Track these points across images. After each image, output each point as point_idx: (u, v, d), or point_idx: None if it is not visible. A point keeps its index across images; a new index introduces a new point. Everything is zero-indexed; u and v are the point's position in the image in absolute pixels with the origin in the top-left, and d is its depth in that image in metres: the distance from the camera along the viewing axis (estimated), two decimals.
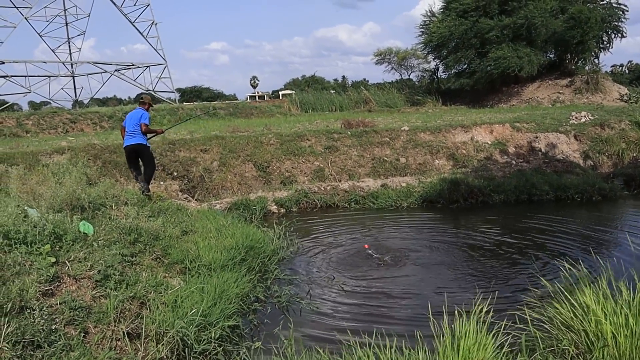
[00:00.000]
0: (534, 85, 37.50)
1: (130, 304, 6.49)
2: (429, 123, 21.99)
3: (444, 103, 40.12)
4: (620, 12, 36.65)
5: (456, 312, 5.17)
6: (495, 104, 37.05)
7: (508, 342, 5.01)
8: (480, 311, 5.12)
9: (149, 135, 12.98)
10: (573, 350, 4.94)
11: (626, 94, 32.92)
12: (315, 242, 11.51)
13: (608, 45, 37.95)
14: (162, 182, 16.16)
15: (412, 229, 12.49)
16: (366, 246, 10.89)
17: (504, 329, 5.11)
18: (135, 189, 11.80)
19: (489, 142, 19.20)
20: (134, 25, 63.20)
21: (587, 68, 37.69)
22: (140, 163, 12.32)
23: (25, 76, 55.78)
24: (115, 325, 6.05)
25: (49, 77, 59.17)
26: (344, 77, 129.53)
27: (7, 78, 54.68)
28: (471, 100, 40.05)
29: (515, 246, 10.67)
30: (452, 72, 43.94)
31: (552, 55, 39.84)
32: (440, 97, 41.04)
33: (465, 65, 40.75)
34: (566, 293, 5.54)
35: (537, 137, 19.05)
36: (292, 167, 17.56)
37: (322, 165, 17.67)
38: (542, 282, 6.61)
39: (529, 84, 37.87)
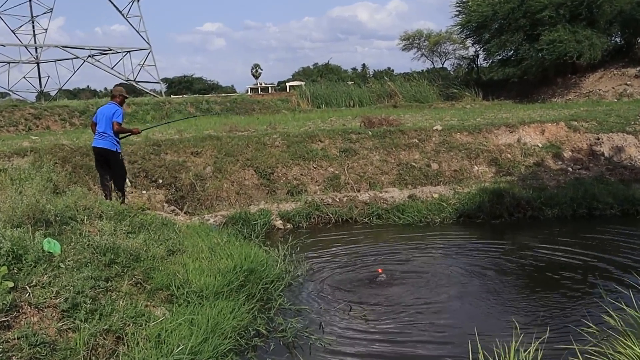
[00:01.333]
0: (595, 75, 37.30)
1: (104, 338, 6.48)
2: (467, 121, 21.94)
3: (485, 97, 40.07)
4: None
5: (500, 353, 5.11)
6: (548, 99, 36.95)
7: None
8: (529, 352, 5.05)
9: (120, 135, 13.11)
10: None
11: None
12: (328, 265, 11.48)
13: None
14: (144, 191, 16.21)
15: (445, 249, 12.45)
16: (380, 270, 10.90)
17: None
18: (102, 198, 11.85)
19: (540, 145, 19.11)
20: (111, 2, 63.47)
21: None
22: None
23: None
24: None
25: (8, 63, 59.59)
26: (364, 65, 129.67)
27: None
28: (518, 94, 39.97)
29: (572, 271, 10.57)
30: (495, 59, 43.90)
31: (618, 39, 39.69)
32: (480, 90, 41.00)
33: (512, 52, 40.70)
34: None
35: (598, 139, 18.93)
36: (301, 174, 17.56)
37: (337, 172, 17.65)
38: (609, 317, 6.51)
39: (589, 73, 37.67)
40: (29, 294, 6.54)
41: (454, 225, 14.76)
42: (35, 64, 65.48)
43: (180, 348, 6.44)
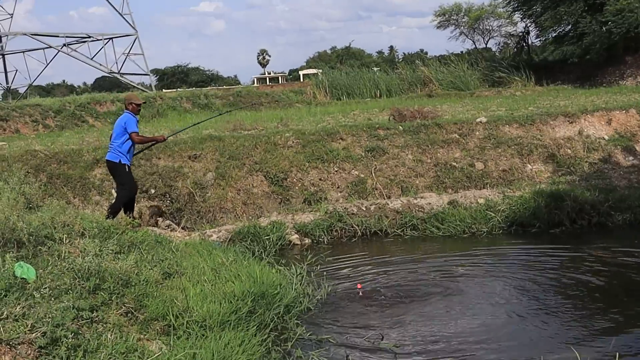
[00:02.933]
0: None
1: None
2: (517, 111, 21.88)
3: (539, 81, 39.87)
4: None
5: None
6: (615, 81, 36.68)
7: None
8: None
9: (142, 146, 13.67)
10: None
11: None
12: (353, 286, 11.47)
13: None
14: (135, 204, 16.30)
15: (495, 265, 12.38)
16: (359, 286, 11.18)
17: None
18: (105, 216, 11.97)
19: (606, 138, 19.02)
20: None
21: None
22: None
23: None
24: None
25: None
26: (391, 48, 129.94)
27: None
28: (579, 77, 39.71)
29: None
30: (550, 36, 43.66)
31: None
32: (532, 74, 40.78)
33: (570, 26, 40.43)
34: None
35: None
36: (320, 179, 17.58)
37: (362, 176, 17.66)
38: None
39: None
40: None
41: (504, 235, 14.72)
42: (0, 56, 65.68)
43: None
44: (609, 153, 18.45)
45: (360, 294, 11.07)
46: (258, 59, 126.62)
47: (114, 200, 14.15)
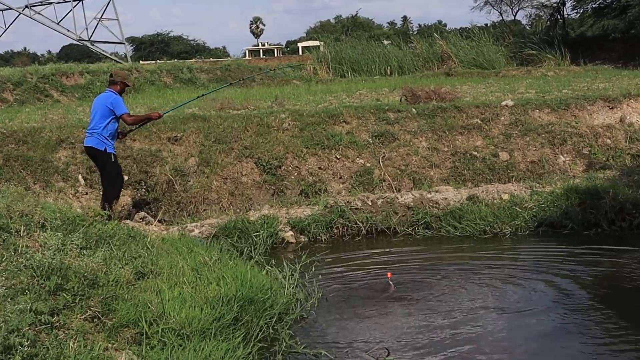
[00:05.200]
0: None
1: None
2: (549, 94, 21.88)
3: (574, 60, 39.91)
4: None
5: None
6: None
7: None
8: None
9: (134, 127, 13.76)
10: None
11: None
12: (355, 292, 11.48)
13: None
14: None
15: (521, 272, 12.32)
16: (389, 275, 11.46)
17: None
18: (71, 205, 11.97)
19: None
20: None
21: None
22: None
23: None
24: None
25: None
26: (405, 18, 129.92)
27: None
28: (621, 56, 39.73)
29: None
30: (588, 8, 43.67)
31: None
32: (567, 51, 40.84)
33: None
34: None
35: None
36: (320, 168, 17.58)
37: (369, 165, 17.67)
38: None
39: None
40: None
41: (531, 237, 14.67)
42: None
43: None
44: None
45: (391, 284, 11.33)
46: (251, 28, 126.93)
47: (103, 195, 14.39)
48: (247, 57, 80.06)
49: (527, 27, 50.90)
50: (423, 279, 12.03)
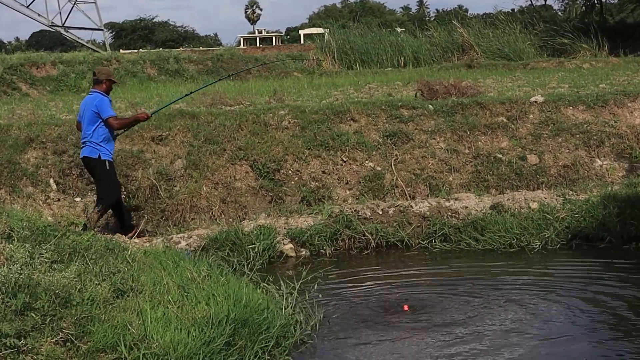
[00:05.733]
0: None
1: None
2: (584, 89, 21.90)
3: (614, 50, 39.96)
4: None
5: None
6: None
7: None
8: None
9: (120, 132, 14.06)
10: None
11: None
12: (362, 313, 11.48)
13: None
14: (77, 198, 16.32)
15: (548, 290, 12.29)
16: (406, 308, 11.38)
17: None
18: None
19: None
20: None
21: None
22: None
23: None
24: None
25: None
26: (421, 2, 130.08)
27: None
28: None
29: None
30: None
31: None
32: (605, 40, 40.84)
33: None
34: None
35: None
36: (324, 172, 17.60)
37: (379, 169, 17.68)
38: None
39: None
40: None
41: (563, 251, 14.66)
42: None
43: None
44: None
45: (405, 306, 11.44)
46: (246, 13, 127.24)
47: (97, 199, 14.90)
48: (241, 46, 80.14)
49: (560, 13, 51.04)
50: (440, 299, 11.98)
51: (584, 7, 48.72)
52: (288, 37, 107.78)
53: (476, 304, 11.67)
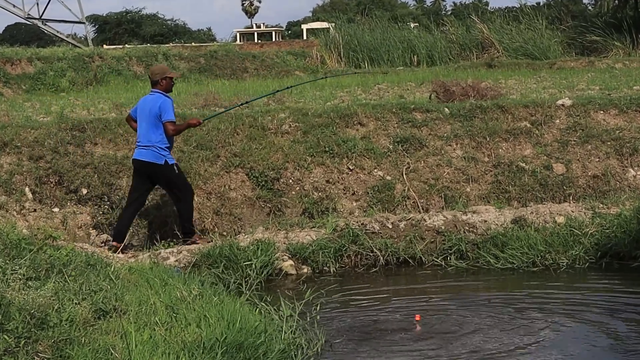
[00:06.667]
0: None
1: None
2: (617, 92, 21.90)
3: None
4: None
5: None
6: None
7: None
8: None
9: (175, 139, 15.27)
10: None
11: None
12: (370, 336, 11.49)
13: None
14: (56, 209, 16.35)
15: (575, 313, 12.29)
16: (417, 318, 11.60)
17: None
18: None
19: None
20: None
21: None
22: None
23: None
24: None
25: None
26: None
27: None
28: None
29: None
30: None
31: None
32: None
33: None
34: None
35: None
36: (328, 182, 17.63)
37: (389, 178, 17.71)
38: None
39: None
40: None
41: (593, 270, 14.65)
42: None
43: None
44: None
45: (418, 326, 11.58)
46: (243, 5, 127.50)
47: (179, 212, 15.58)
48: (238, 42, 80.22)
49: (590, 8, 51.09)
50: (455, 322, 11.99)
51: (616, 1, 48.62)
52: (289, 32, 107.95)
53: (494, 331, 11.60)
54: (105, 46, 63.40)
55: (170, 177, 15.11)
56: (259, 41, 76.28)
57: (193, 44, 73.21)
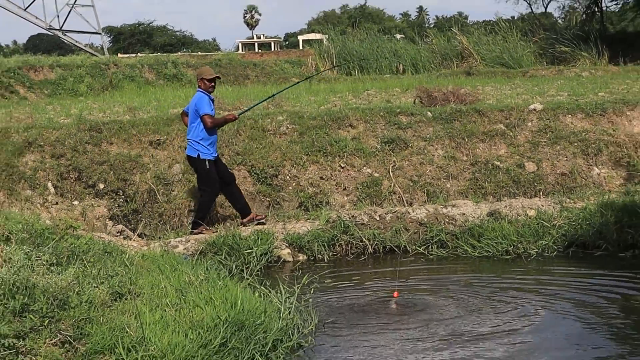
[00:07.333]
0: None
1: None
2: (584, 97, 21.95)
3: (613, 59, 40.03)
4: None
5: None
6: None
7: None
8: None
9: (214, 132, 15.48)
10: None
11: None
12: (359, 317, 11.54)
13: None
14: (76, 202, 16.36)
15: (546, 296, 12.32)
16: (395, 295, 11.86)
17: None
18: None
19: None
20: None
21: None
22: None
23: None
24: None
25: None
26: (421, 9, 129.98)
27: None
28: None
29: None
30: (630, 0, 43.78)
31: None
32: (605, 49, 40.91)
33: None
34: None
35: None
36: (321, 178, 17.64)
37: (377, 175, 17.72)
38: None
39: None
40: None
41: (560, 259, 14.67)
42: None
43: None
44: None
45: (395, 303, 11.82)
46: (245, 18, 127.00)
47: (196, 210, 15.97)
48: (240, 51, 79.97)
49: (560, 21, 51.15)
50: (435, 303, 12.05)
51: (584, 16, 48.74)
52: (287, 42, 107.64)
53: (471, 309, 11.73)
54: (119, 55, 63.06)
55: (199, 170, 15.45)
56: (259, 51, 76.04)
57: (199, 53, 73.07)
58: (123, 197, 16.79)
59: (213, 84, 15.57)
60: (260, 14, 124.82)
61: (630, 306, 11.80)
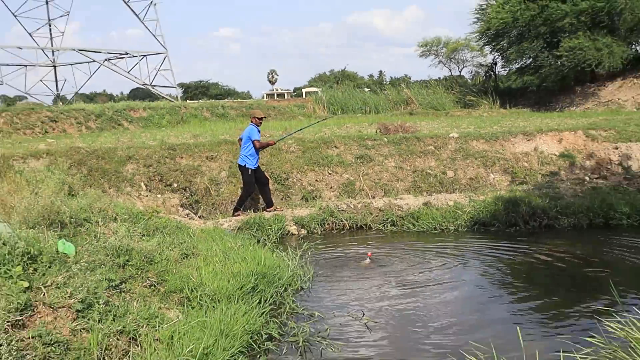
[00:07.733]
0: (614, 84, 37.13)
1: (117, 339, 6.56)
2: (484, 129, 21.93)
3: (503, 105, 40.04)
4: None
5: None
6: (566, 107, 36.84)
7: None
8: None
9: (258, 152, 15.60)
10: None
11: None
12: (341, 270, 11.53)
13: None
14: (159, 195, 16.32)
15: (458, 257, 12.41)
16: (369, 255, 11.96)
17: None
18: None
19: (557, 154, 19.07)
20: (127, 5, 63.07)
21: None
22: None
23: None
24: None
25: (25, 66, 59.67)
26: (380, 72, 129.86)
27: None
28: (536, 102, 39.91)
29: (587, 280, 10.59)
30: (514, 67, 43.90)
31: (638, 48, 39.44)
32: (497, 98, 40.97)
33: (530, 59, 40.66)
34: None
35: (617, 148, 18.85)
36: (316, 180, 17.62)
37: (352, 178, 17.70)
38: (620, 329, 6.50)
39: (608, 82, 37.53)
40: (44, 294, 6.63)
41: (469, 233, 14.72)
42: (52, 67, 65.52)
43: (190, 349, 6.51)
44: (558, 167, 18.51)
45: (367, 261, 11.92)
46: (268, 77, 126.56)
47: (238, 200, 15.92)
48: (265, 99, 79.94)
49: (469, 80, 50.99)
50: (390, 261, 12.07)
51: (484, 77, 48.70)
52: (295, 93, 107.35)
53: (413, 265, 11.79)
54: (188, 101, 63.00)
55: (244, 175, 15.65)
56: (277, 98, 75.92)
57: (239, 100, 72.94)
58: (189, 192, 16.75)
59: (261, 120, 15.80)
60: (278, 75, 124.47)
61: (513, 261, 11.92)
